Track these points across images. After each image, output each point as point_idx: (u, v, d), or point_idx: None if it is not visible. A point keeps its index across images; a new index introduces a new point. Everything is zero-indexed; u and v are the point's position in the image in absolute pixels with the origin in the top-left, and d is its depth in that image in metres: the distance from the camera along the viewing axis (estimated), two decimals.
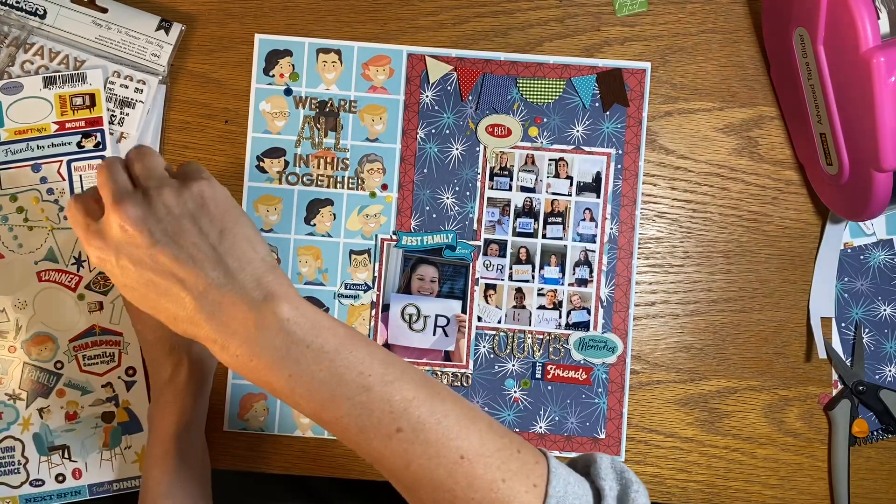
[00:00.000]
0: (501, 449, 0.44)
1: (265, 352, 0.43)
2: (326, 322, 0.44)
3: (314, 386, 0.43)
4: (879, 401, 0.68)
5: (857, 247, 0.70)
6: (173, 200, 0.45)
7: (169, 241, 0.44)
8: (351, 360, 0.44)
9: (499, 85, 0.70)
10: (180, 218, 0.45)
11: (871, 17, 0.54)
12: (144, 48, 0.68)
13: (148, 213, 0.44)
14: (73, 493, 0.68)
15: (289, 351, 0.43)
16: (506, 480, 0.43)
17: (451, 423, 0.44)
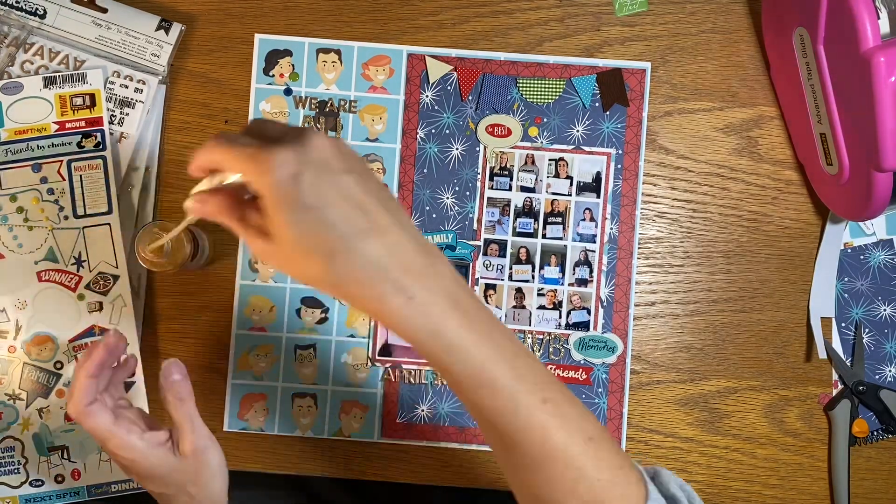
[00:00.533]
0: (612, 440, 0.46)
1: (441, 294, 0.42)
2: (471, 290, 0.45)
3: (480, 340, 0.43)
4: (879, 401, 0.68)
5: (857, 247, 0.70)
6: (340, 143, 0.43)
7: (353, 173, 0.42)
8: (499, 324, 0.45)
9: (499, 85, 0.70)
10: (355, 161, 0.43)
11: (871, 17, 0.54)
12: (144, 48, 0.68)
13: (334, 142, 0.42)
14: (72, 494, 0.68)
15: (458, 301, 0.42)
16: (622, 467, 0.45)
17: (576, 403, 0.45)
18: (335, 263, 0.41)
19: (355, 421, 0.69)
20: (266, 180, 0.40)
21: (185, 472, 0.56)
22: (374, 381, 0.69)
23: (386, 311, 0.42)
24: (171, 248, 0.61)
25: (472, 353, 0.43)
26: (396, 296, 0.41)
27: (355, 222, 0.41)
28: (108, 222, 0.68)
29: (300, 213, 0.41)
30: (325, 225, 0.41)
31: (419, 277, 0.42)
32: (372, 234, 0.41)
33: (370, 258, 0.41)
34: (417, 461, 0.69)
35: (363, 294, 0.42)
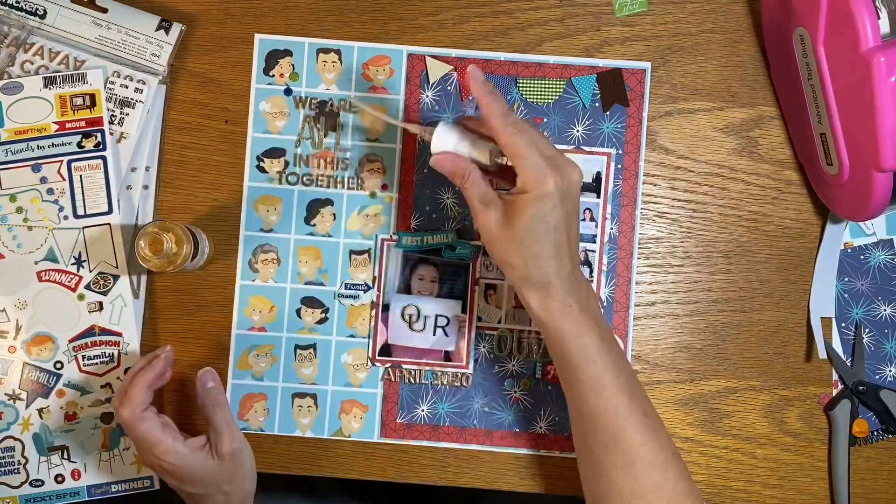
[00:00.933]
0: (676, 448, 0.58)
1: (589, 314, 0.55)
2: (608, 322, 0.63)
3: (609, 352, 0.55)
4: (879, 401, 0.68)
5: (857, 247, 0.70)
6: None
7: (575, 215, 0.56)
8: (620, 347, 0.58)
9: (499, 85, 0.70)
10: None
11: (871, 17, 0.54)
12: (144, 48, 0.68)
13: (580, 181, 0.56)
14: (72, 494, 0.68)
15: (598, 319, 0.56)
16: (692, 482, 0.57)
17: (664, 425, 0.58)
18: (530, 266, 0.54)
19: (355, 421, 0.69)
20: (538, 191, 0.53)
21: (222, 473, 0.62)
22: (374, 381, 0.69)
23: (550, 310, 0.55)
24: (171, 248, 0.61)
25: (599, 361, 0.55)
26: (560, 303, 0.55)
27: (561, 246, 0.54)
28: (108, 222, 0.68)
29: (540, 224, 0.53)
30: (548, 238, 0.54)
31: (577, 296, 0.55)
32: (564, 258, 0.55)
33: (555, 272, 0.54)
34: (417, 461, 0.69)
35: (536, 293, 0.55)
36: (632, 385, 0.56)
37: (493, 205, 0.56)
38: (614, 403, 0.55)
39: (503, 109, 0.55)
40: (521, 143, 0.53)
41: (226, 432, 0.62)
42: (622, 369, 0.56)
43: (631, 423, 0.55)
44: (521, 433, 0.69)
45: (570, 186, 0.54)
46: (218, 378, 0.65)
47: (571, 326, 0.55)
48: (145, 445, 0.60)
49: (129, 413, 0.59)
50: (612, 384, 0.55)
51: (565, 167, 0.54)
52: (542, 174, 0.53)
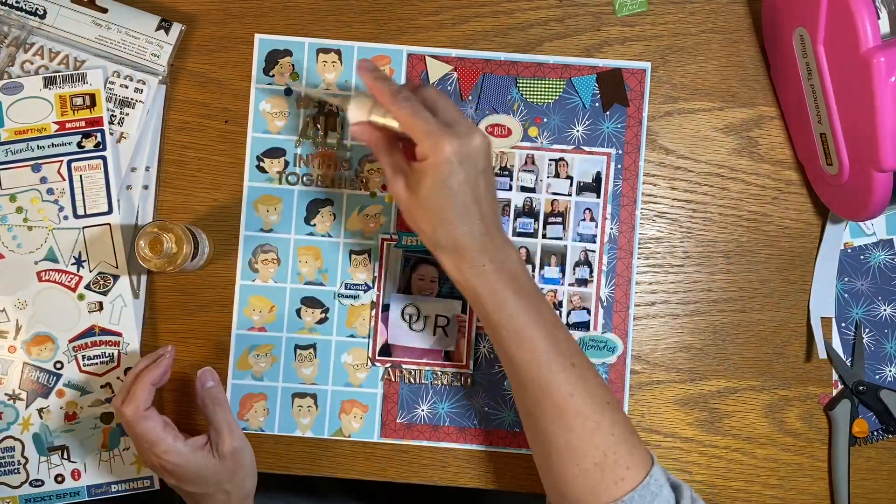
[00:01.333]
0: (614, 397, 0.58)
1: (506, 272, 0.56)
2: (530, 274, 0.60)
3: (528, 307, 0.56)
4: (879, 401, 0.68)
5: (857, 247, 0.70)
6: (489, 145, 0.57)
7: (485, 175, 0.56)
8: (546, 304, 0.58)
9: (499, 85, 0.70)
10: (489, 164, 0.57)
11: (871, 17, 0.54)
12: (144, 48, 0.68)
13: (486, 144, 0.56)
14: (72, 494, 0.68)
15: (517, 277, 0.56)
16: (632, 433, 0.56)
17: (598, 375, 0.57)
18: (442, 228, 0.55)
19: (355, 421, 0.69)
20: (434, 157, 0.53)
21: (223, 472, 0.62)
22: (374, 381, 0.69)
23: (462, 272, 0.56)
24: (171, 248, 0.61)
25: (519, 315, 0.55)
26: (472, 264, 0.56)
27: (469, 208, 0.55)
28: (108, 222, 0.68)
29: (441, 189, 0.54)
30: (450, 202, 0.54)
31: (492, 256, 0.56)
32: (473, 220, 0.55)
33: (464, 234, 0.55)
34: (417, 461, 0.69)
35: (448, 256, 0.56)
36: (555, 337, 0.56)
37: (401, 172, 0.57)
38: (537, 356, 0.55)
39: (391, 89, 0.56)
40: (409, 114, 0.54)
41: (226, 431, 0.63)
42: (544, 322, 0.56)
43: (557, 373, 0.55)
44: (520, 433, 0.69)
45: (470, 150, 0.54)
46: (217, 377, 0.65)
47: (486, 286, 0.56)
48: (146, 444, 0.60)
49: (132, 411, 0.59)
50: (533, 337, 0.55)
51: (462, 132, 0.54)
52: (435, 140, 0.53)
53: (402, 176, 0.57)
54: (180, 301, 0.69)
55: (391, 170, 0.58)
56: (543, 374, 0.55)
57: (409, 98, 0.55)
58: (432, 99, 0.57)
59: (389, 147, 0.58)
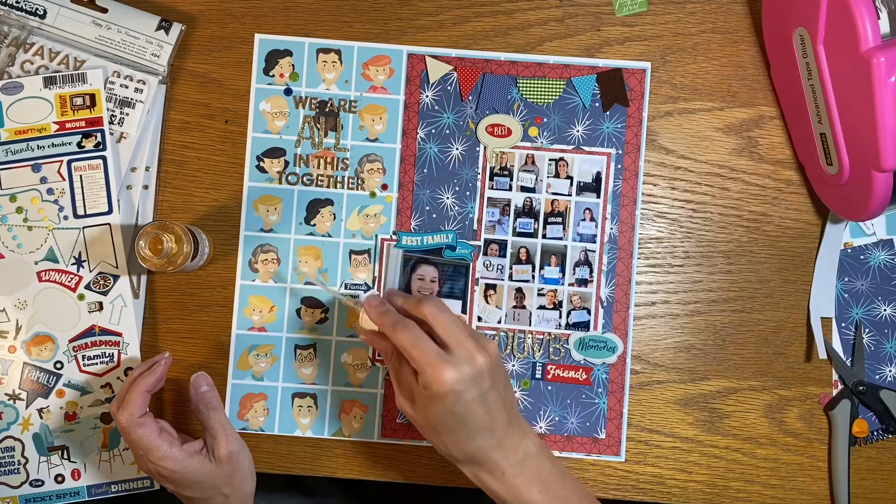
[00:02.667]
0: None
1: (527, 472, 0.57)
2: (551, 453, 0.60)
3: (554, 499, 0.57)
4: (879, 401, 0.68)
5: (857, 247, 0.70)
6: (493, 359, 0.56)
7: (494, 387, 0.56)
8: (572, 484, 0.59)
9: (499, 85, 0.70)
10: (498, 371, 0.57)
11: (871, 17, 0.54)
12: (144, 48, 0.68)
13: (492, 361, 0.56)
14: (72, 494, 0.68)
15: (539, 472, 0.57)
16: None
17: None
18: (455, 447, 0.56)
19: (355, 421, 0.69)
20: (436, 388, 0.54)
21: (220, 476, 0.62)
22: (374, 381, 0.69)
23: (483, 482, 0.57)
24: (171, 247, 0.61)
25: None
26: (492, 473, 0.57)
27: (479, 426, 0.55)
28: (108, 222, 0.68)
29: (448, 415, 0.55)
30: (459, 426, 0.55)
31: (511, 460, 0.56)
32: (485, 434, 0.56)
33: (479, 449, 0.56)
34: (417, 461, 0.69)
35: (466, 467, 0.58)
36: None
37: (409, 393, 0.57)
38: None
39: (391, 320, 0.57)
40: (408, 344, 0.55)
41: (221, 435, 0.62)
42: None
43: None
44: None
45: (473, 373, 0.54)
46: (211, 381, 0.65)
47: (510, 491, 0.56)
48: (141, 451, 0.60)
49: (127, 418, 0.59)
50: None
51: (462, 358, 0.54)
52: (433, 373, 0.54)
53: (406, 395, 0.58)
54: (180, 301, 0.69)
55: (398, 385, 0.59)
56: None
57: (407, 325, 0.56)
58: (433, 316, 0.56)
59: (399, 361, 0.58)
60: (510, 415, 0.57)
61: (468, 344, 0.55)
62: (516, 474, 0.56)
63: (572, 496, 0.58)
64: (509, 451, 0.57)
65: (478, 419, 0.55)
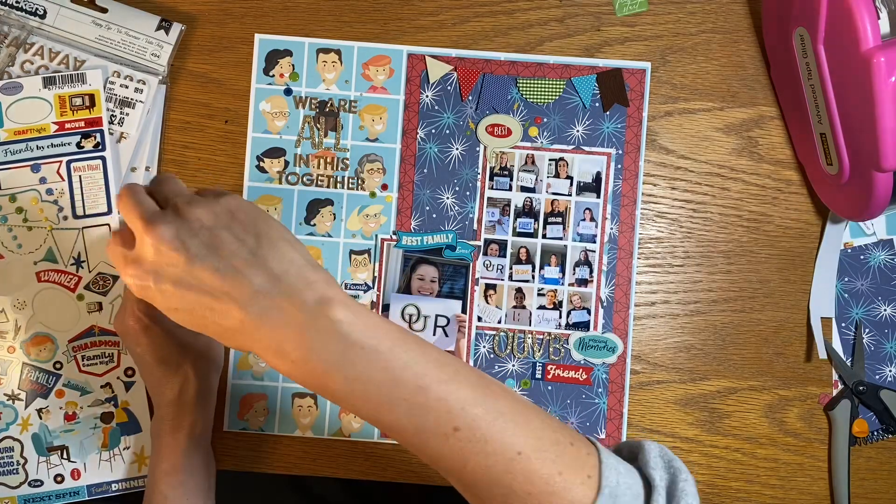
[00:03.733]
0: (556, 443, 0.44)
1: (322, 355, 0.42)
2: (378, 322, 0.44)
3: (371, 388, 0.43)
4: (880, 401, 0.68)
5: (857, 247, 0.70)
6: (204, 214, 0.44)
7: (207, 255, 0.43)
8: (406, 360, 0.43)
9: (499, 85, 0.70)
10: (214, 230, 0.44)
11: (871, 17, 0.54)
12: (144, 48, 0.68)
13: (181, 229, 0.44)
14: (71, 494, 0.68)
15: (345, 353, 0.42)
16: (562, 473, 0.43)
17: (507, 420, 0.44)
18: None
19: (355, 421, 0.69)
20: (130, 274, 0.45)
21: (191, 348, 0.61)
22: None
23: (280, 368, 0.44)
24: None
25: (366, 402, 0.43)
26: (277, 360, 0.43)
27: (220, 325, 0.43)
28: (107, 223, 0.68)
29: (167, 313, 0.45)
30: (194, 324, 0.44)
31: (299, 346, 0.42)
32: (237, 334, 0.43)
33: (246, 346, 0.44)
34: (417, 461, 0.69)
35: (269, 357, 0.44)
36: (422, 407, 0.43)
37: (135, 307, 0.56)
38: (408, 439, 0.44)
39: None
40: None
41: None
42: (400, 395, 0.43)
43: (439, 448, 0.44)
44: None
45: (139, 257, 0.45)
46: None
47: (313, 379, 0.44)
48: (127, 295, 0.58)
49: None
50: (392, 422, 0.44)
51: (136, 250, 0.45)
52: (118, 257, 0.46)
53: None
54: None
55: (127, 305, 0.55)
56: (426, 451, 0.44)
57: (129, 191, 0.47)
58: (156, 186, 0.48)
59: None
60: (264, 280, 0.43)
61: (138, 224, 0.44)
62: (306, 358, 0.42)
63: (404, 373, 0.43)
64: (282, 330, 0.42)
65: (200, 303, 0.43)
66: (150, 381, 0.62)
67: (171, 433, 0.62)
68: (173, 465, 0.61)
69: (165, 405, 0.62)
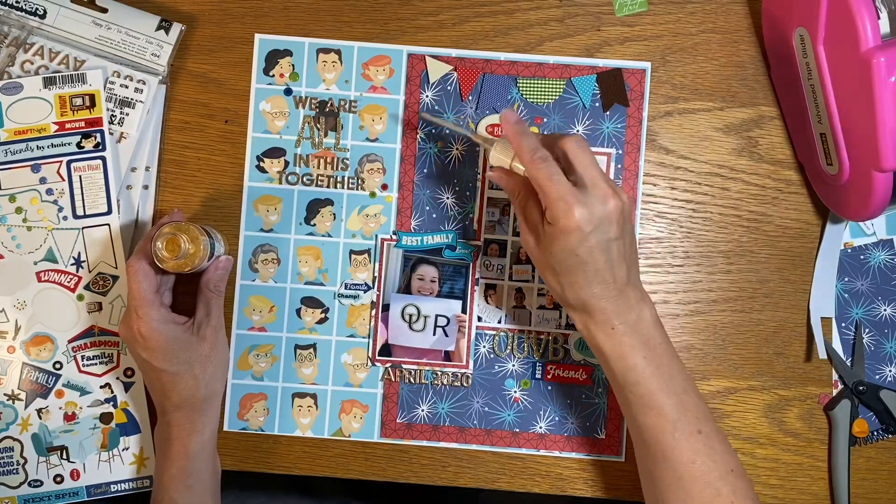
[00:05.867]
0: (739, 463, 0.57)
1: (637, 335, 0.56)
2: (665, 331, 0.58)
3: (657, 372, 0.55)
4: (879, 401, 0.68)
5: (857, 247, 0.70)
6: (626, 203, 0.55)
7: (623, 239, 0.55)
8: (679, 364, 0.57)
9: (499, 85, 0.70)
10: (628, 222, 0.56)
11: (871, 17, 0.54)
12: (144, 48, 0.68)
13: (621, 212, 0.55)
14: (71, 494, 0.68)
15: (649, 340, 0.56)
16: (755, 500, 0.56)
17: (725, 441, 0.57)
18: (571, 290, 0.55)
19: (355, 421, 0.69)
20: (564, 224, 0.53)
21: (196, 352, 0.62)
22: (374, 381, 0.69)
23: (591, 331, 0.56)
24: (188, 248, 0.60)
25: (646, 382, 0.55)
26: (602, 326, 0.56)
27: (600, 274, 0.54)
28: (107, 223, 0.68)
29: (570, 256, 0.54)
30: (580, 269, 0.54)
31: (624, 318, 0.55)
32: (604, 284, 0.54)
33: (594, 296, 0.55)
34: (417, 461, 0.69)
35: (577, 314, 0.57)
36: (684, 404, 0.56)
37: (534, 229, 0.57)
38: (661, 424, 0.55)
39: (531, 145, 0.55)
40: (543, 177, 0.54)
41: (215, 316, 0.64)
42: (673, 388, 0.56)
43: (681, 441, 0.55)
44: (520, 433, 0.69)
45: (603, 216, 0.53)
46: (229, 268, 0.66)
47: (615, 349, 0.56)
48: (133, 302, 0.60)
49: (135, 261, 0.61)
50: (661, 405, 0.55)
51: (595, 198, 0.53)
52: (565, 207, 0.53)
53: (532, 233, 0.57)
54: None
55: (525, 223, 0.58)
56: (667, 440, 0.55)
57: (546, 159, 0.54)
58: (573, 153, 0.55)
59: (526, 198, 0.58)
60: (630, 274, 0.56)
61: (603, 186, 0.54)
62: (626, 332, 0.55)
63: (677, 376, 0.56)
64: (623, 308, 0.55)
65: (598, 265, 0.54)
66: (155, 386, 0.62)
67: (179, 438, 0.62)
68: (181, 470, 0.62)
69: (172, 410, 0.62)
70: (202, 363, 0.62)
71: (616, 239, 0.54)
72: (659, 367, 0.56)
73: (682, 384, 0.56)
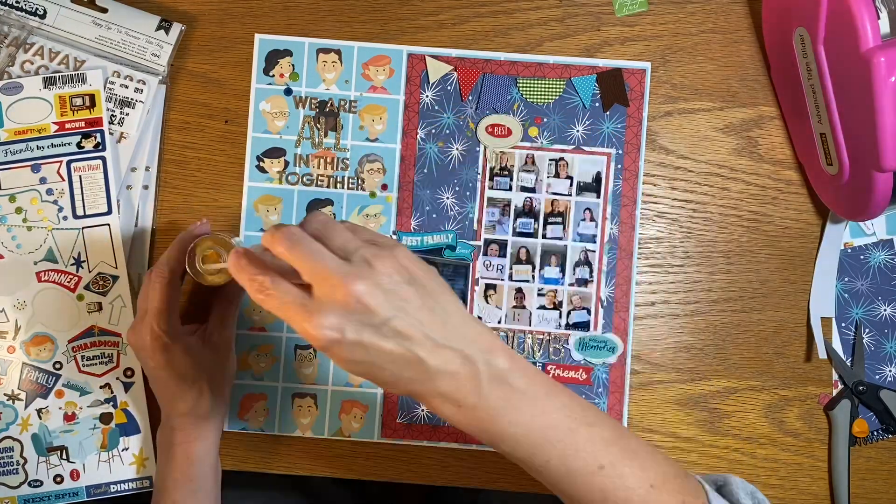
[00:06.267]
0: (676, 476, 0.48)
1: (490, 401, 0.45)
2: (532, 369, 0.48)
3: (530, 430, 0.46)
4: (879, 401, 0.68)
5: (857, 247, 0.70)
6: (391, 267, 0.44)
7: (399, 309, 0.43)
8: (557, 404, 0.47)
9: (499, 85, 0.70)
10: (401, 284, 0.44)
11: (871, 17, 0.54)
12: (144, 48, 0.68)
13: (377, 285, 0.43)
14: (71, 494, 0.68)
15: (509, 399, 0.46)
16: (685, 502, 0.47)
17: (639, 457, 0.48)
18: (387, 387, 0.45)
19: (355, 421, 0.69)
20: (315, 344, 0.42)
21: (205, 361, 0.62)
22: None
23: (442, 415, 0.46)
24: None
25: (527, 441, 0.46)
26: (445, 406, 0.45)
27: (399, 357, 0.43)
28: (107, 223, 0.68)
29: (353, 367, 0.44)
30: (373, 366, 0.43)
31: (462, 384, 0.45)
32: (411, 364, 0.44)
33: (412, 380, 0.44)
34: (417, 461, 0.69)
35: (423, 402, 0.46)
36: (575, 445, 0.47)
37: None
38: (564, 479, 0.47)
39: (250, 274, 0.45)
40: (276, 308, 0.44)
41: (229, 324, 0.64)
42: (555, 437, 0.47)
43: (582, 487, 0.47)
44: None
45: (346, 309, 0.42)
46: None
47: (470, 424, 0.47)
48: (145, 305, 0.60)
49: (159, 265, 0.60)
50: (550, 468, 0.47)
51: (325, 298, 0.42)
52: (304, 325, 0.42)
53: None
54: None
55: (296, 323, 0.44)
56: (569, 487, 0.47)
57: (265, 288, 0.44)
58: (285, 256, 0.44)
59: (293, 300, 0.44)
60: (443, 334, 0.44)
61: (331, 277, 0.42)
62: (475, 405, 0.45)
63: (560, 420, 0.46)
64: (458, 378, 0.44)
65: (391, 355, 0.43)
66: (163, 394, 0.63)
67: (183, 443, 0.62)
68: (185, 475, 0.62)
69: (178, 417, 0.62)
70: (210, 372, 0.62)
71: (390, 320, 0.43)
72: (529, 426, 0.46)
73: (563, 422, 0.47)
